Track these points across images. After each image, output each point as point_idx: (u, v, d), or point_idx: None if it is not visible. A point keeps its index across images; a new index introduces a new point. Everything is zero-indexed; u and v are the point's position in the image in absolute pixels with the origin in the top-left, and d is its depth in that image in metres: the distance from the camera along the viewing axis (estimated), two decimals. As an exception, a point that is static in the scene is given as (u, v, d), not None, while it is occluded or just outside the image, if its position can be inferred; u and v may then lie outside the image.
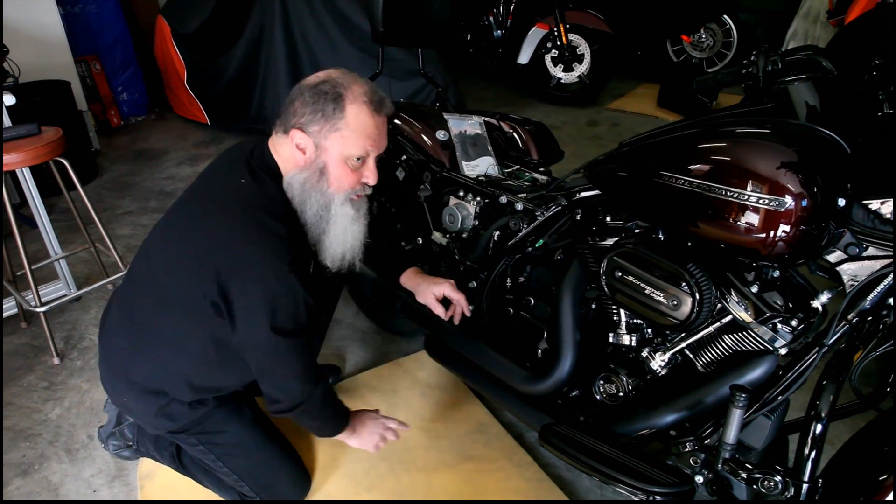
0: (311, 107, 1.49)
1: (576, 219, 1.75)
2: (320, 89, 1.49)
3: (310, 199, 1.55)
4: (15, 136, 2.37)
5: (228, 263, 1.46)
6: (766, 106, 1.39)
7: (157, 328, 1.64)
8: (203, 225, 1.53)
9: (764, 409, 1.37)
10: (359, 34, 4.43)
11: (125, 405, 1.77)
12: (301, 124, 1.50)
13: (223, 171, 1.63)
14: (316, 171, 1.53)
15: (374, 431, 1.82)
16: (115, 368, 1.73)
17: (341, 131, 1.50)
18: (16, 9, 4.22)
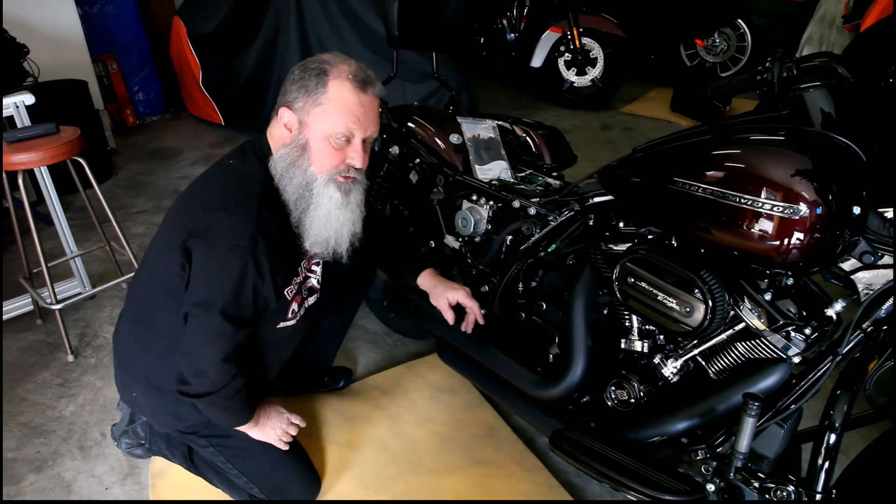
0: (297, 83, 1.50)
1: (589, 224, 1.75)
2: (307, 66, 1.51)
3: (290, 176, 1.52)
4: (33, 135, 2.39)
5: (193, 231, 1.47)
6: (781, 113, 1.38)
7: (152, 317, 1.66)
8: (182, 204, 1.59)
9: (777, 418, 1.36)
10: (373, 36, 4.44)
11: (134, 401, 1.79)
12: (288, 102, 1.52)
13: (221, 159, 1.64)
14: (298, 147, 1.52)
15: (277, 426, 1.78)
16: (125, 364, 1.77)
17: (323, 106, 1.49)
18: (36, 9, 4.27)
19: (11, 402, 2.35)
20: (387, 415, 2.22)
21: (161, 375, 1.67)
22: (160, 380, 1.68)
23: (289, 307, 1.69)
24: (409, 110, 2.33)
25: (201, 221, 1.48)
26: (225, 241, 1.44)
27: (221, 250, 1.45)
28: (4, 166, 2.32)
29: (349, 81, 1.49)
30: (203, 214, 1.49)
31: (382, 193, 2.41)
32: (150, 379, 1.70)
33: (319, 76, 1.49)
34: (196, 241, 1.47)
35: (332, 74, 1.49)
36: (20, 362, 2.56)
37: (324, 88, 1.48)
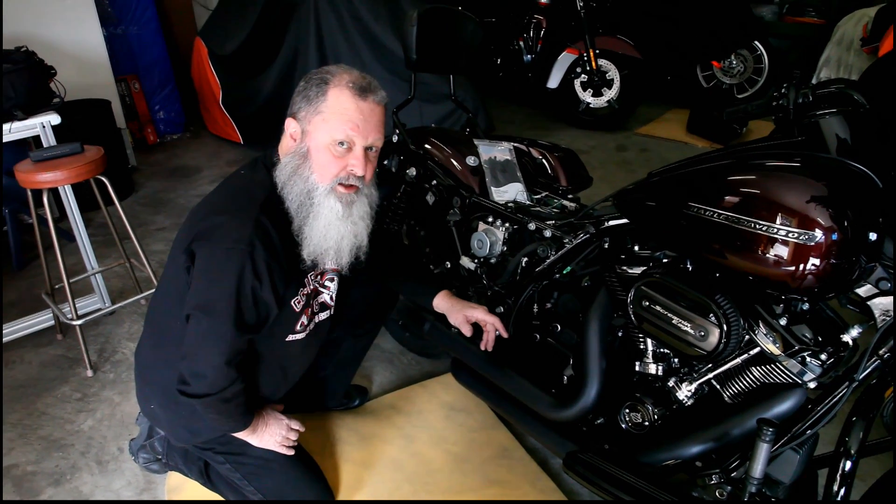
0: (302, 94, 1.54)
1: (604, 247, 1.76)
2: (311, 77, 1.55)
3: (293, 184, 1.55)
4: (59, 154, 2.45)
5: (197, 234, 1.52)
6: (797, 139, 1.39)
7: (167, 326, 1.69)
8: (193, 212, 1.63)
9: (792, 443, 1.36)
10: (391, 58, 4.50)
11: (153, 413, 1.81)
12: (293, 112, 1.56)
13: (236, 170, 1.70)
14: (300, 155, 1.55)
15: (276, 433, 1.80)
16: (144, 375, 1.80)
17: (323, 114, 1.51)
18: (63, 31, 4.38)
19: (32, 415, 2.38)
20: (401, 434, 2.23)
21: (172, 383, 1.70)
22: (176, 392, 1.70)
23: (297, 320, 1.70)
24: (426, 132, 2.36)
25: (204, 225, 1.52)
26: (224, 243, 1.47)
27: (220, 253, 1.48)
28: (31, 185, 2.37)
29: (348, 89, 1.52)
30: (206, 218, 1.54)
31: (399, 214, 2.44)
32: (168, 391, 1.71)
33: (320, 85, 1.52)
34: (199, 243, 1.51)
35: (333, 83, 1.52)
36: (41, 376, 2.60)
37: (324, 97, 1.51)
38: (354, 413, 2.33)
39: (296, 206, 1.55)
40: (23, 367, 2.66)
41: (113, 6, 5.04)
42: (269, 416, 1.82)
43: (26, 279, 3.35)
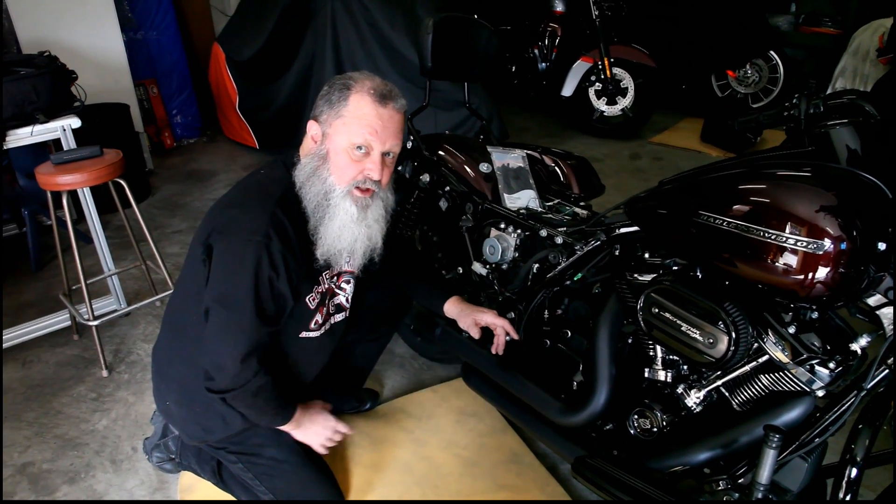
0: (324, 98, 1.58)
1: (614, 254, 1.77)
2: (334, 81, 1.59)
3: (311, 184, 1.58)
4: (79, 157, 2.49)
5: (214, 228, 1.56)
6: (808, 149, 1.40)
7: (185, 324, 1.72)
8: (211, 209, 1.67)
9: (800, 451, 1.36)
10: (407, 65, 4.53)
11: (168, 410, 1.83)
12: (315, 115, 1.60)
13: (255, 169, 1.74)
14: (320, 157, 1.59)
15: (321, 432, 1.83)
16: (161, 372, 1.83)
17: (343, 118, 1.55)
18: (84, 36, 4.45)
19: (48, 414, 2.42)
20: (412, 438, 2.25)
21: (193, 384, 1.71)
22: (192, 389, 1.72)
23: (312, 318, 1.73)
24: (440, 139, 2.38)
25: (221, 218, 1.57)
26: (240, 235, 1.51)
27: (237, 245, 1.51)
28: (51, 187, 2.42)
29: (369, 95, 1.55)
30: (223, 212, 1.59)
31: (413, 220, 2.46)
32: (183, 388, 1.75)
33: (342, 90, 1.56)
34: (216, 236, 1.55)
35: (355, 89, 1.56)
36: (57, 376, 2.64)
37: (345, 101, 1.55)
38: (365, 416, 2.35)
39: (313, 205, 1.58)
40: (39, 366, 2.70)
41: (133, 11, 5.11)
42: (317, 413, 1.85)
43: (44, 280, 3.40)
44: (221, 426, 1.75)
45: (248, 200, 1.57)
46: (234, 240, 1.51)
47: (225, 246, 1.53)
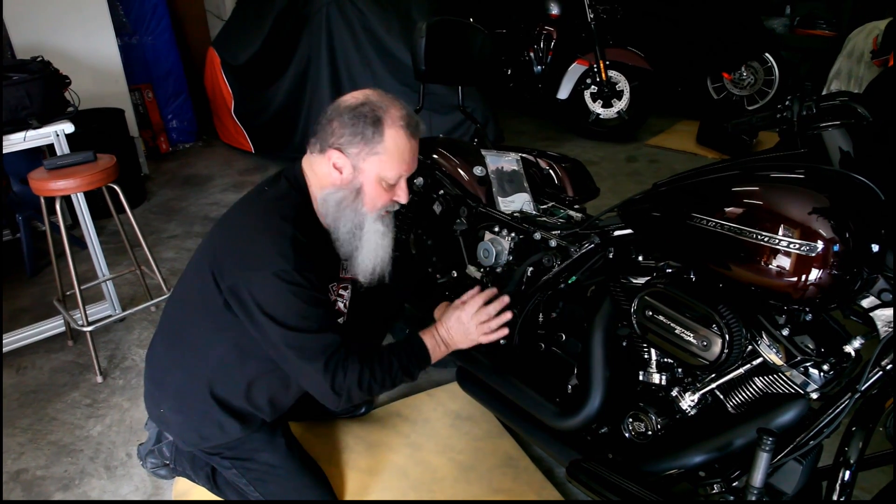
0: (350, 129, 1.53)
1: (608, 257, 1.77)
2: (360, 112, 1.53)
3: (344, 217, 1.61)
4: (72, 162, 2.49)
5: (235, 261, 1.53)
6: (800, 151, 1.40)
7: (184, 333, 1.72)
8: (220, 229, 1.64)
9: (795, 454, 1.35)
10: (402, 69, 4.53)
11: (162, 417, 1.82)
12: (339, 145, 1.55)
13: (257, 185, 1.71)
14: (353, 191, 1.59)
15: (467, 332, 1.77)
16: (155, 378, 1.82)
17: (380, 155, 1.55)
18: (78, 41, 4.45)
19: (42, 420, 2.41)
20: (407, 442, 2.24)
21: (189, 391, 1.72)
22: (189, 397, 1.73)
23: None
24: (434, 142, 2.38)
25: (242, 255, 1.53)
26: (270, 271, 1.48)
27: (272, 285, 1.49)
28: (44, 192, 2.41)
29: (403, 129, 1.56)
30: (242, 246, 1.54)
31: (407, 223, 2.46)
32: (180, 395, 1.75)
33: (376, 125, 1.53)
34: (242, 275, 1.52)
35: (387, 123, 1.54)
36: (51, 382, 2.63)
37: (380, 137, 1.54)
38: (361, 421, 2.34)
39: (348, 236, 1.63)
40: (34, 372, 2.69)
41: (128, 16, 5.12)
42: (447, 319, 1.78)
43: (39, 286, 3.39)
44: (218, 433, 1.75)
45: (266, 229, 1.52)
46: (267, 281, 1.49)
47: (260, 288, 1.50)
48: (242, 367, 1.70)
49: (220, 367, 1.70)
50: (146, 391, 1.88)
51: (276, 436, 1.88)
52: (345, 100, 1.58)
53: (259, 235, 1.52)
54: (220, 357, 1.69)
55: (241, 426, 1.75)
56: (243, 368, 1.71)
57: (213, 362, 1.70)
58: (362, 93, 1.59)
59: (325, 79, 4.73)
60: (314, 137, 1.61)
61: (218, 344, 1.68)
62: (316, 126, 1.60)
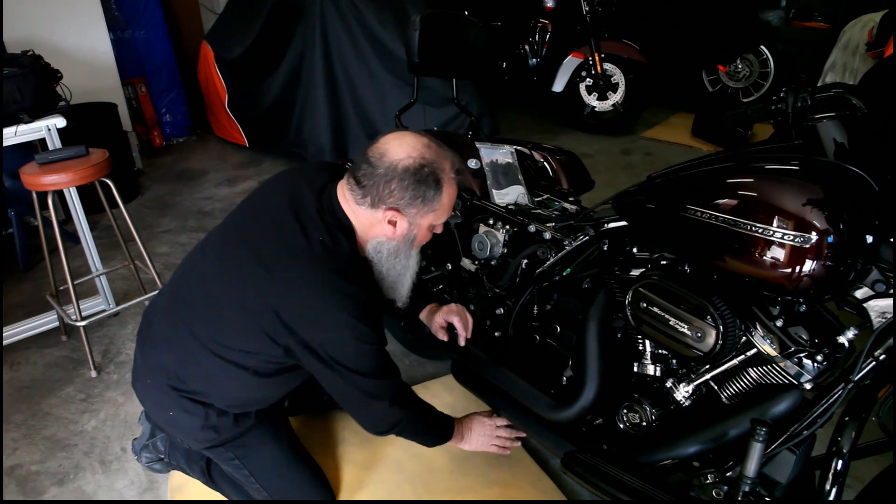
0: (411, 191, 1.53)
1: (603, 249, 1.76)
2: (423, 175, 1.52)
3: (396, 263, 1.66)
4: (64, 157, 2.47)
5: (309, 322, 1.53)
6: (795, 142, 1.40)
7: (212, 355, 1.65)
8: (283, 280, 1.53)
9: (789, 444, 1.36)
10: (396, 62, 4.52)
11: (170, 420, 1.76)
12: (399, 206, 1.55)
13: (292, 219, 1.59)
14: (408, 242, 1.64)
15: (484, 435, 1.99)
16: (161, 385, 1.72)
17: (436, 211, 1.60)
18: (70, 35, 4.43)
19: (36, 415, 2.40)
20: (402, 435, 2.24)
21: (206, 395, 1.71)
22: (204, 398, 1.71)
23: None
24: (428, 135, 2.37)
25: (319, 320, 1.53)
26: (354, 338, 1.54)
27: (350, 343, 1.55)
28: (36, 187, 2.40)
29: (455, 183, 1.61)
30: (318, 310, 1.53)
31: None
32: (194, 397, 1.71)
33: (437, 186, 1.55)
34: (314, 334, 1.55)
35: (445, 182, 1.57)
36: (45, 377, 2.62)
37: (439, 196, 1.57)
38: (356, 414, 2.34)
39: (395, 275, 1.69)
40: (28, 368, 2.68)
41: (120, 10, 5.08)
42: (474, 421, 2.01)
43: (32, 281, 3.38)
44: (231, 424, 1.75)
45: (336, 291, 1.51)
46: (348, 343, 1.55)
47: (341, 348, 1.56)
48: (272, 379, 1.73)
49: (251, 383, 1.69)
50: (148, 397, 1.79)
51: (280, 429, 1.89)
52: (399, 158, 1.52)
53: (330, 298, 1.51)
54: (251, 376, 1.67)
55: (255, 417, 1.80)
56: (274, 380, 1.73)
57: (244, 381, 1.68)
58: (415, 149, 1.54)
59: (320, 72, 4.71)
60: (360, 188, 1.55)
61: (253, 369, 1.66)
62: (358, 173, 1.56)
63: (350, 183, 1.58)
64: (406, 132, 1.61)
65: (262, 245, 1.59)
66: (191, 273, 1.76)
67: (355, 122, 4.74)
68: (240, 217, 1.73)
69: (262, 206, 1.69)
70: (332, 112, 4.77)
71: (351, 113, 4.76)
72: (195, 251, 1.79)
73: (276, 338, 1.56)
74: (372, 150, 1.55)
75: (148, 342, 1.78)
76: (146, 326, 1.82)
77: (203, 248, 1.76)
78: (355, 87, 4.70)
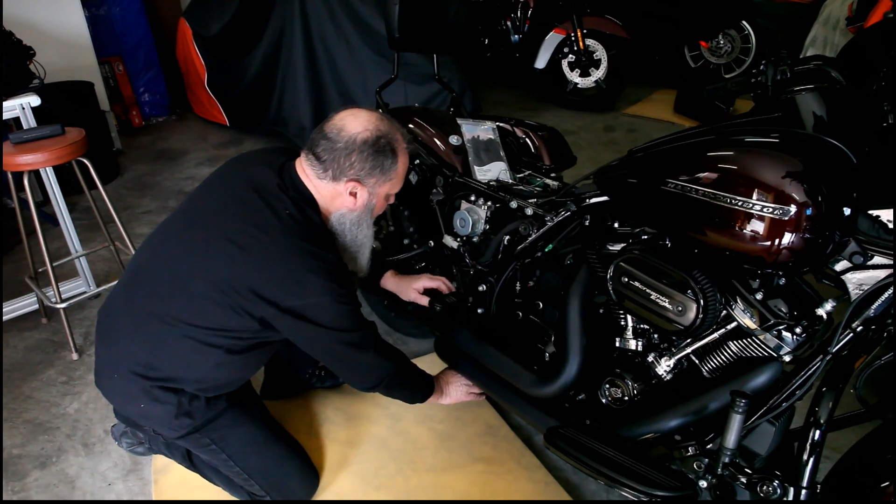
0: (371, 162, 1.61)
1: (585, 224, 1.77)
2: (380, 146, 1.61)
3: (357, 232, 1.74)
4: (39, 136, 2.43)
5: (288, 292, 1.56)
6: (774, 115, 1.40)
7: (183, 337, 1.63)
8: (258, 254, 1.55)
9: (768, 416, 1.37)
10: (376, 38, 4.46)
11: (142, 412, 1.72)
12: (360, 177, 1.63)
13: (256, 197, 1.61)
14: (368, 211, 1.72)
15: (459, 389, 2.10)
16: (129, 376, 1.68)
17: (392, 180, 1.70)
18: (42, 11, 4.33)
19: (17, 399, 2.38)
20: (387, 413, 2.25)
21: (179, 381, 1.68)
22: (175, 384, 1.69)
23: None
24: (409, 112, 2.35)
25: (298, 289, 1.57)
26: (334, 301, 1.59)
27: (335, 309, 1.61)
28: (10, 167, 2.36)
29: (407, 153, 1.71)
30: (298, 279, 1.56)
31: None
32: (164, 384, 1.68)
33: (394, 156, 1.65)
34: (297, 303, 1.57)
35: (399, 150, 1.67)
36: (26, 360, 2.60)
37: (396, 165, 1.67)
38: (340, 393, 2.34)
39: (355, 244, 1.76)
40: (8, 351, 2.66)
41: (95, -13, 4.98)
42: (449, 376, 2.12)
43: (10, 263, 3.33)
44: (204, 408, 1.73)
45: (311, 260, 1.57)
46: (329, 306, 1.60)
47: (323, 311, 1.60)
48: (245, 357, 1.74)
49: (224, 362, 1.68)
50: (116, 391, 1.75)
51: (254, 408, 1.89)
52: (357, 132, 1.60)
53: (309, 267, 1.56)
54: (225, 356, 1.66)
55: (227, 399, 1.80)
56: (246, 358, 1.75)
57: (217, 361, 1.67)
58: (371, 122, 1.62)
59: (300, 49, 4.65)
60: (319, 162, 1.62)
61: (228, 348, 1.66)
62: (317, 149, 1.62)
63: (310, 159, 1.64)
64: (358, 108, 1.66)
65: (229, 224, 1.60)
66: (151, 261, 1.72)
67: (336, 100, 4.69)
68: (199, 201, 1.75)
69: (222, 189, 1.73)
70: (313, 89, 4.71)
71: (332, 90, 4.71)
72: (151, 240, 1.78)
73: (251, 311, 1.58)
74: (329, 126, 1.62)
75: (111, 336, 1.73)
76: (105, 321, 1.76)
77: (161, 236, 1.75)
78: (335, 63, 4.64)
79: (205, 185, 1.80)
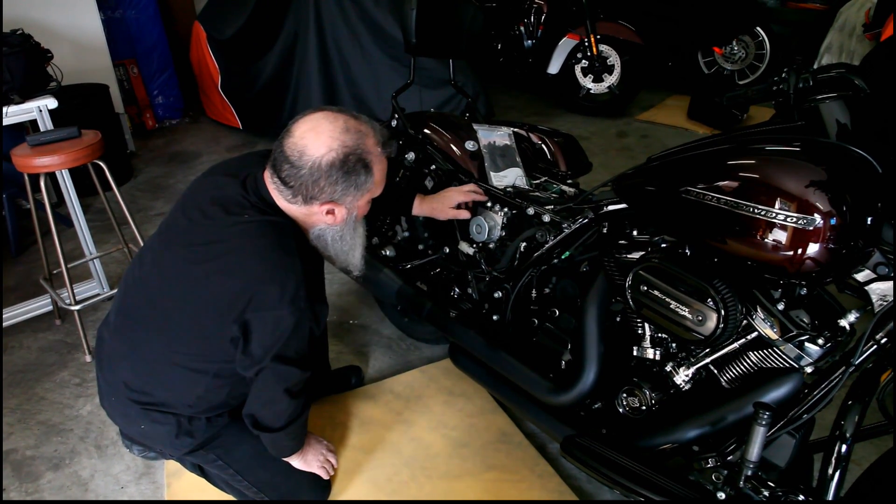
0: (342, 184, 1.50)
1: (602, 232, 1.75)
2: (350, 165, 1.48)
3: (343, 244, 1.66)
4: (56, 138, 2.44)
5: (251, 302, 1.47)
6: (797, 123, 1.38)
7: (170, 364, 1.62)
8: (222, 267, 1.51)
9: (788, 428, 1.36)
10: (391, 43, 4.47)
11: (143, 433, 1.73)
12: (333, 199, 1.52)
13: (220, 211, 1.56)
14: (350, 224, 1.64)
15: (316, 458, 1.94)
16: (125, 400, 1.68)
17: (371, 190, 1.58)
18: (60, 15, 4.36)
19: (31, 400, 2.39)
20: (400, 419, 2.24)
21: (174, 405, 1.67)
22: (172, 408, 1.67)
23: None
24: (425, 117, 2.35)
25: (260, 293, 1.47)
26: (286, 308, 1.46)
27: (286, 318, 1.47)
28: (28, 169, 2.37)
29: (383, 156, 1.56)
30: (259, 285, 1.47)
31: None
32: (162, 408, 1.67)
33: (367, 169, 1.51)
34: (256, 313, 1.48)
35: (374, 160, 1.53)
36: (39, 361, 2.60)
37: (371, 177, 1.54)
38: (353, 397, 2.34)
39: (344, 252, 1.69)
40: (22, 352, 2.66)
41: (110, -11, 5.01)
42: (312, 439, 1.97)
43: (25, 265, 3.35)
44: (204, 427, 1.72)
45: (276, 270, 1.48)
46: (283, 314, 1.47)
47: (270, 322, 1.49)
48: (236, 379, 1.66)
49: (213, 386, 1.66)
50: (116, 413, 1.75)
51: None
52: (321, 155, 1.46)
53: (274, 280, 1.47)
54: (212, 380, 1.64)
55: (229, 416, 1.77)
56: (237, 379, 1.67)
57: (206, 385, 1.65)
58: (334, 139, 1.46)
59: (313, 53, 4.66)
60: (287, 188, 1.51)
61: (212, 372, 1.63)
62: (281, 173, 1.49)
63: (276, 183, 1.53)
64: (318, 115, 1.50)
65: (193, 242, 1.57)
66: (132, 286, 1.70)
67: (349, 104, 4.70)
68: (172, 219, 1.68)
69: (190, 204, 1.64)
70: (327, 93, 4.72)
71: (345, 94, 4.72)
72: (133, 263, 1.74)
73: (222, 332, 1.52)
74: (289, 145, 1.48)
75: (105, 360, 1.73)
76: (100, 344, 1.77)
77: (141, 258, 1.71)
78: (349, 67, 4.65)
79: (179, 200, 1.72)
